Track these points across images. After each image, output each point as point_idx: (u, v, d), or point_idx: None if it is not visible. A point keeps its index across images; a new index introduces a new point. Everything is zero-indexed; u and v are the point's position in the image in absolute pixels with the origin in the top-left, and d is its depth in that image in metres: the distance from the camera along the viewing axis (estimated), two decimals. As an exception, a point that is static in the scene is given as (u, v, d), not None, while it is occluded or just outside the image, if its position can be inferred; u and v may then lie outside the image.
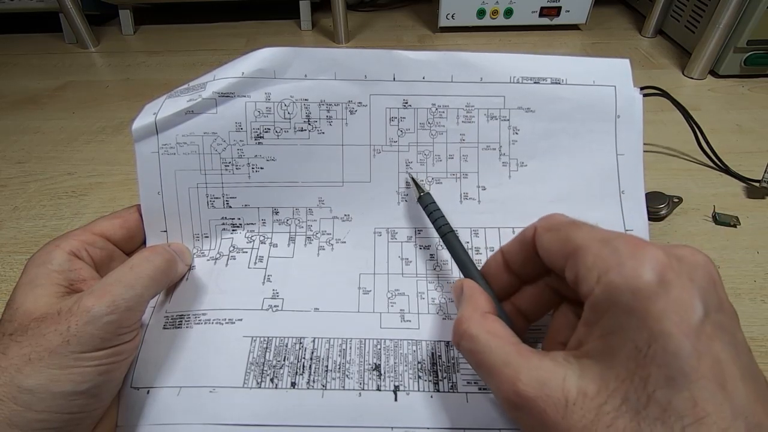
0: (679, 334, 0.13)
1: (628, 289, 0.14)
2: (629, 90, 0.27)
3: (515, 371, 0.16)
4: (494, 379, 0.16)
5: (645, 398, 0.13)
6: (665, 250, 0.15)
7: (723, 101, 0.52)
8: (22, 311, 0.19)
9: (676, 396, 0.13)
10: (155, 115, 0.25)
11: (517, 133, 0.27)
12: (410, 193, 0.28)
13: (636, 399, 0.13)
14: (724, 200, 0.37)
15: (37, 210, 0.38)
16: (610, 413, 0.14)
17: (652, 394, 0.13)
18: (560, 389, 0.15)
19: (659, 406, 0.13)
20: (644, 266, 0.14)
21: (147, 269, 0.21)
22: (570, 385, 0.15)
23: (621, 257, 0.15)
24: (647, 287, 0.14)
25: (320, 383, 0.22)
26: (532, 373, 0.15)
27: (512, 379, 0.15)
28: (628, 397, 0.14)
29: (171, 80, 0.58)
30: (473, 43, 0.67)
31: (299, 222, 0.27)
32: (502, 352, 0.17)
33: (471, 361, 0.18)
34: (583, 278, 0.16)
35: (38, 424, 0.17)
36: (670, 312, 0.14)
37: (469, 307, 0.19)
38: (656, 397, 0.13)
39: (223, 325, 0.23)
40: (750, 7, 0.49)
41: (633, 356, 0.14)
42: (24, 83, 0.59)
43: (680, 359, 0.13)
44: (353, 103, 0.27)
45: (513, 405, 0.16)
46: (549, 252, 0.18)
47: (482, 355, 0.17)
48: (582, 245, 0.16)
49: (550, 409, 0.14)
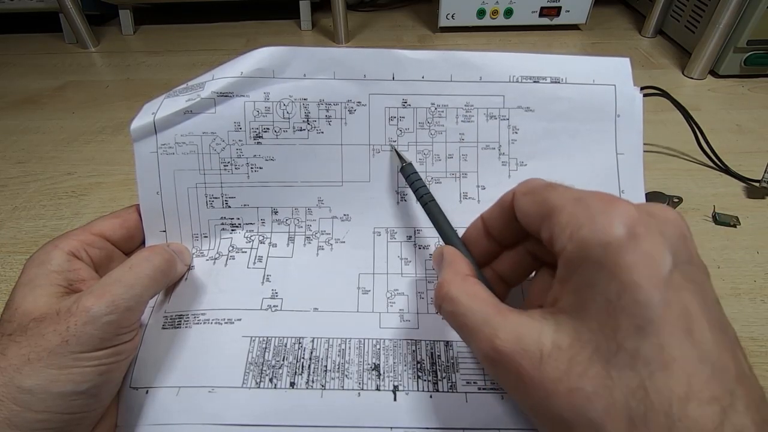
0: (647, 285, 0.14)
1: (598, 243, 0.14)
2: (629, 89, 0.27)
3: (494, 329, 0.16)
4: (474, 337, 0.17)
5: (615, 347, 0.14)
6: (637, 206, 0.15)
7: (723, 101, 0.52)
8: (21, 311, 0.19)
9: (643, 343, 0.13)
10: (154, 115, 0.25)
11: (516, 133, 0.27)
12: (409, 193, 0.27)
13: (606, 348, 0.14)
14: (724, 200, 0.37)
15: (37, 210, 0.38)
16: (582, 363, 0.14)
17: (622, 342, 0.14)
18: (536, 343, 0.15)
19: (628, 353, 0.14)
20: (615, 221, 0.15)
21: (146, 269, 0.21)
22: (545, 339, 0.15)
23: (592, 213, 0.15)
24: (617, 240, 0.14)
25: (319, 383, 0.22)
26: (509, 330, 0.16)
27: (491, 336, 0.16)
28: (598, 347, 0.14)
29: (171, 80, 0.58)
30: (473, 43, 0.67)
31: (298, 222, 0.27)
32: (481, 312, 0.17)
33: (452, 323, 0.18)
34: (557, 236, 0.16)
35: (38, 425, 0.17)
36: (640, 264, 0.14)
37: (450, 271, 0.19)
38: (625, 346, 0.14)
39: (222, 325, 0.23)
40: (750, 7, 0.49)
41: (604, 308, 0.14)
42: (24, 83, 0.59)
43: (648, 308, 0.14)
44: (352, 103, 0.27)
45: (491, 361, 0.16)
46: (527, 215, 0.18)
47: (463, 317, 0.17)
48: (557, 205, 0.16)
49: (526, 362, 0.15)
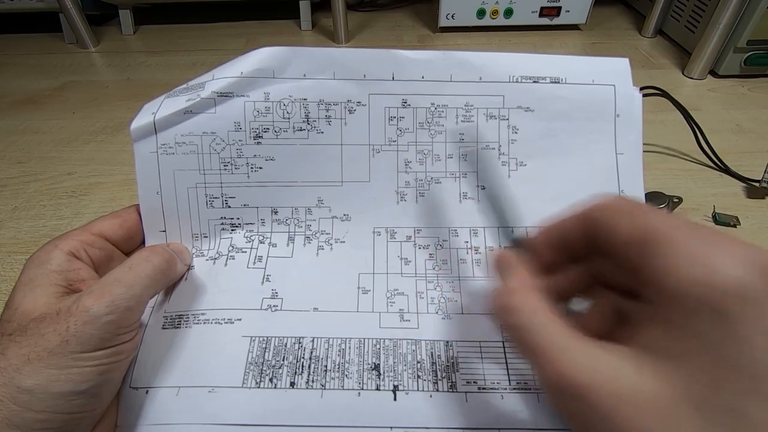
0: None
1: (722, 290, 0.13)
2: (628, 89, 0.27)
3: (563, 353, 0.15)
4: (539, 358, 0.15)
5: (719, 404, 0.13)
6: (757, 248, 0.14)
7: (723, 101, 0.52)
8: (21, 311, 0.19)
9: (755, 407, 0.12)
10: (154, 115, 0.25)
11: (516, 133, 0.27)
12: (409, 193, 0.27)
13: (709, 405, 0.13)
14: (724, 200, 0.37)
15: (37, 210, 0.38)
16: (675, 416, 0.13)
17: (730, 402, 0.13)
18: (613, 380, 0.14)
19: (734, 414, 0.13)
20: (744, 266, 0.13)
21: (146, 269, 0.21)
22: (625, 380, 0.14)
23: (717, 253, 0.14)
24: (746, 291, 0.13)
25: (319, 383, 0.22)
26: (583, 358, 0.14)
27: (558, 363, 0.15)
28: (697, 400, 0.13)
29: (171, 80, 0.58)
30: (473, 43, 0.67)
31: (298, 222, 0.27)
32: (549, 331, 0.16)
33: (513, 337, 0.17)
34: (663, 269, 0.14)
35: (38, 425, 0.17)
36: (766, 323, 0.13)
37: (515, 280, 0.18)
38: (733, 405, 0.13)
39: (222, 325, 0.23)
40: (750, 7, 0.49)
41: (712, 362, 0.13)
42: (24, 83, 0.59)
43: (764, 368, 0.12)
44: (352, 103, 0.27)
45: (557, 388, 0.15)
46: (616, 235, 0.16)
47: (527, 332, 0.16)
48: (664, 232, 0.15)
49: (603, 399, 0.14)
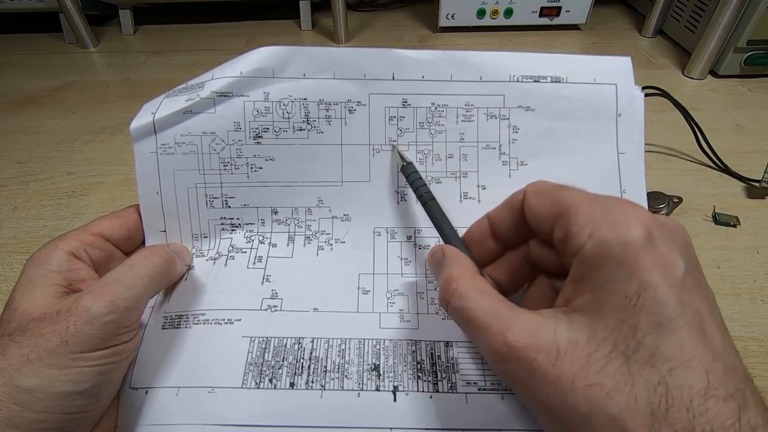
0: (666, 285, 0.14)
1: (619, 243, 0.15)
2: (630, 88, 0.27)
3: (505, 324, 0.16)
4: (483, 333, 0.17)
5: (634, 344, 0.14)
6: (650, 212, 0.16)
7: (723, 101, 0.52)
8: (20, 311, 0.19)
9: (664, 341, 0.14)
10: (153, 115, 0.25)
11: (517, 132, 0.27)
12: (409, 193, 0.27)
13: (625, 345, 0.14)
14: (724, 200, 0.37)
15: (37, 210, 0.38)
16: (600, 360, 0.14)
17: (642, 339, 0.14)
18: (551, 340, 0.15)
19: (648, 350, 0.14)
20: (634, 223, 0.15)
21: (146, 269, 0.21)
22: (560, 337, 0.15)
23: (612, 215, 0.16)
24: (637, 242, 0.15)
25: (319, 383, 0.22)
26: (522, 326, 0.16)
27: (502, 331, 0.16)
28: (617, 344, 0.14)
29: (171, 80, 0.57)
30: (473, 43, 0.67)
31: (298, 222, 0.27)
32: (491, 308, 0.17)
33: (459, 319, 0.18)
34: (574, 235, 0.16)
35: (37, 425, 0.17)
36: (658, 265, 0.15)
37: (457, 268, 0.19)
38: (645, 343, 0.14)
39: (222, 326, 0.23)
40: (750, 7, 0.49)
41: (622, 306, 0.14)
42: (24, 83, 0.59)
43: (667, 308, 0.14)
44: (352, 103, 0.27)
45: (502, 356, 0.16)
46: (538, 214, 0.19)
47: (472, 311, 0.17)
48: (573, 205, 0.17)
49: (541, 357, 0.15)
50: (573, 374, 0.14)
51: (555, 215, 0.18)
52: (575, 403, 0.14)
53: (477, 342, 0.18)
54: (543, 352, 0.15)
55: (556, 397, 0.15)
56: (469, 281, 0.18)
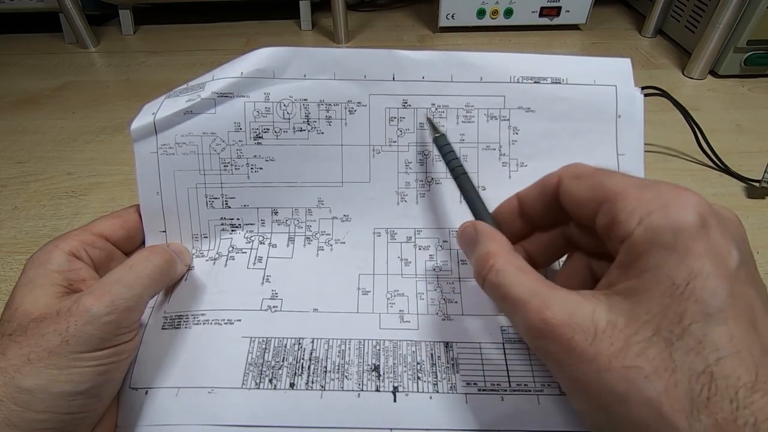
0: (718, 275, 0.14)
1: (671, 228, 0.15)
2: (630, 89, 0.27)
3: (543, 301, 0.16)
4: (520, 309, 0.16)
5: (679, 330, 0.14)
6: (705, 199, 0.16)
7: (723, 101, 0.52)
8: (21, 312, 0.19)
9: (712, 330, 0.14)
10: (154, 116, 0.25)
11: (517, 133, 0.27)
12: (409, 193, 0.27)
13: (669, 331, 0.14)
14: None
15: (37, 210, 0.38)
16: (641, 343, 0.14)
17: (688, 327, 0.14)
18: (589, 319, 0.15)
19: (694, 338, 0.14)
20: (688, 209, 0.15)
21: (146, 269, 0.21)
22: (599, 317, 0.15)
23: (664, 200, 0.15)
24: (690, 228, 0.14)
25: (319, 384, 0.22)
26: (560, 304, 0.16)
27: (540, 308, 0.16)
28: (660, 329, 0.14)
29: (171, 80, 0.57)
30: (473, 43, 0.67)
31: (298, 222, 0.27)
32: (530, 285, 0.17)
33: (496, 295, 0.18)
34: (622, 221, 0.16)
35: (38, 425, 0.17)
36: (711, 254, 0.14)
37: (494, 244, 0.19)
38: (692, 330, 0.14)
39: (222, 326, 0.23)
40: (750, 7, 0.49)
41: (668, 292, 0.14)
42: (24, 83, 0.59)
43: (718, 297, 0.14)
44: (353, 103, 0.27)
45: (538, 333, 0.16)
46: (577, 199, 0.18)
47: (509, 287, 0.17)
48: (619, 190, 0.16)
49: (578, 335, 0.15)
50: (610, 354, 0.14)
51: (597, 200, 0.17)
52: (611, 383, 0.14)
53: (513, 318, 0.17)
54: (581, 331, 0.15)
55: (591, 376, 0.14)
56: (506, 257, 0.18)
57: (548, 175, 0.20)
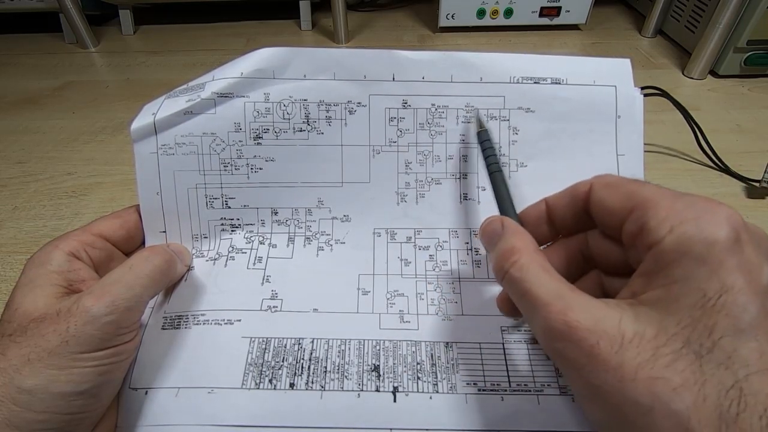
0: (750, 290, 0.14)
1: (703, 240, 0.14)
2: (630, 90, 0.27)
3: (567, 303, 0.16)
4: (542, 309, 0.16)
5: (709, 344, 0.14)
6: (739, 214, 0.16)
7: (723, 101, 0.52)
8: (21, 312, 0.19)
9: (743, 345, 0.13)
10: (154, 116, 0.25)
11: (516, 134, 0.27)
12: (409, 194, 0.27)
13: (699, 344, 0.14)
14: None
15: (37, 210, 0.38)
16: (669, 355, 0.14)
17: (718, 341, 0.14)
18: (616, 327, 0.15)
19: (724, 352, 0.13)
20: (722, 223, 0.15)
21: (146, 269, 0.21)
22: (625, 326, 0.15)
23: (698, 212, 0.15)
24: (724, 241, 0.14)
25: (319, 384, 0.22)
26: (585, 308, 0.15)
27: (563, 310, 0.15)
28: (690, 341, 0.14)
29: (171, 80, 0.57)
30: (473, 43, 0.67)
31: (298, 222, 0.27)
32: (553, 286, 0.16)
33: (515, 290, 0.18)
34: (652, 228, 0.16)
35: (38, 425, 0.17)
36: (744, 269, 0.14)
37: (520, 241, 0.19)
38: (722, 344, 0.13)
39: (222, 326, 0.23)
40: (750, 7, 0.49)
41: (699, 304, 0.14)
42: (24, 83, 0.59)
43: (749, 313, 0.14)
44: (352, 104, 0.27)
45: (558, 334, 0.15)
46: (607, 207, 0.18)
47: (531, 285, 0.17)
48: (651, 199, 0.16)
49: (603, 342, 0.14)
50: (637, 364, 0.14)
51: (628, 209, 0.17)
52: (635, 394, 0.14)
53: (531, 316, 0.17)
54: (606, 338, 0.14)
55: (613, 385, 0.14)
56: (532, 255, 0.18)
57: (579, 182, 0.20)
